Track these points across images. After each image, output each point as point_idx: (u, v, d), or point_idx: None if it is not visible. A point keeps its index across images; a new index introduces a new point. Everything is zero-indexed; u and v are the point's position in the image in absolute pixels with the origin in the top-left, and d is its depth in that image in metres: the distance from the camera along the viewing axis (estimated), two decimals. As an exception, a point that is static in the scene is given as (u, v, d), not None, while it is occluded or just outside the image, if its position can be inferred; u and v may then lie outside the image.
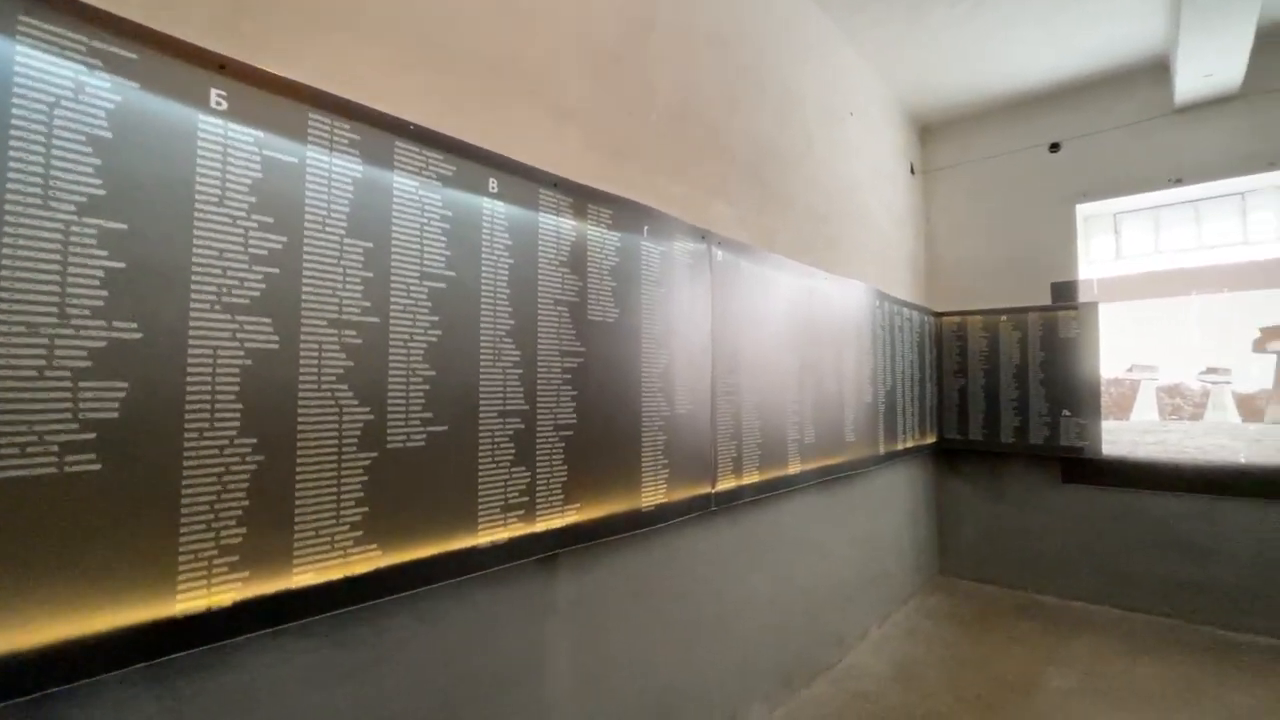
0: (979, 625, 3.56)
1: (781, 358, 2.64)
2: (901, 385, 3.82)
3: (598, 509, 1.72)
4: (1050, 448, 3.98)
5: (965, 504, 4.40)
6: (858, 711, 2.62)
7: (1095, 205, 4.13)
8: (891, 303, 3.76)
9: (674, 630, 2.08)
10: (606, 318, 1.78)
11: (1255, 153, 3.56)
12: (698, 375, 2.13)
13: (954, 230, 4.59)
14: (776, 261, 2.65)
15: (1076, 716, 2.58)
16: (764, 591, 2.56)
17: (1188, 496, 3.63)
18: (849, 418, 3.16)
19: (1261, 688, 2.81)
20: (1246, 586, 3.42)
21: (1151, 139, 3.87)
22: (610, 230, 1.82)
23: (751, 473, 2.40)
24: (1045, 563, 4.05)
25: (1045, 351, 4.04)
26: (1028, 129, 4.30)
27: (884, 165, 4.08)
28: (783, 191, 2.90)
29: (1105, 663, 3.07)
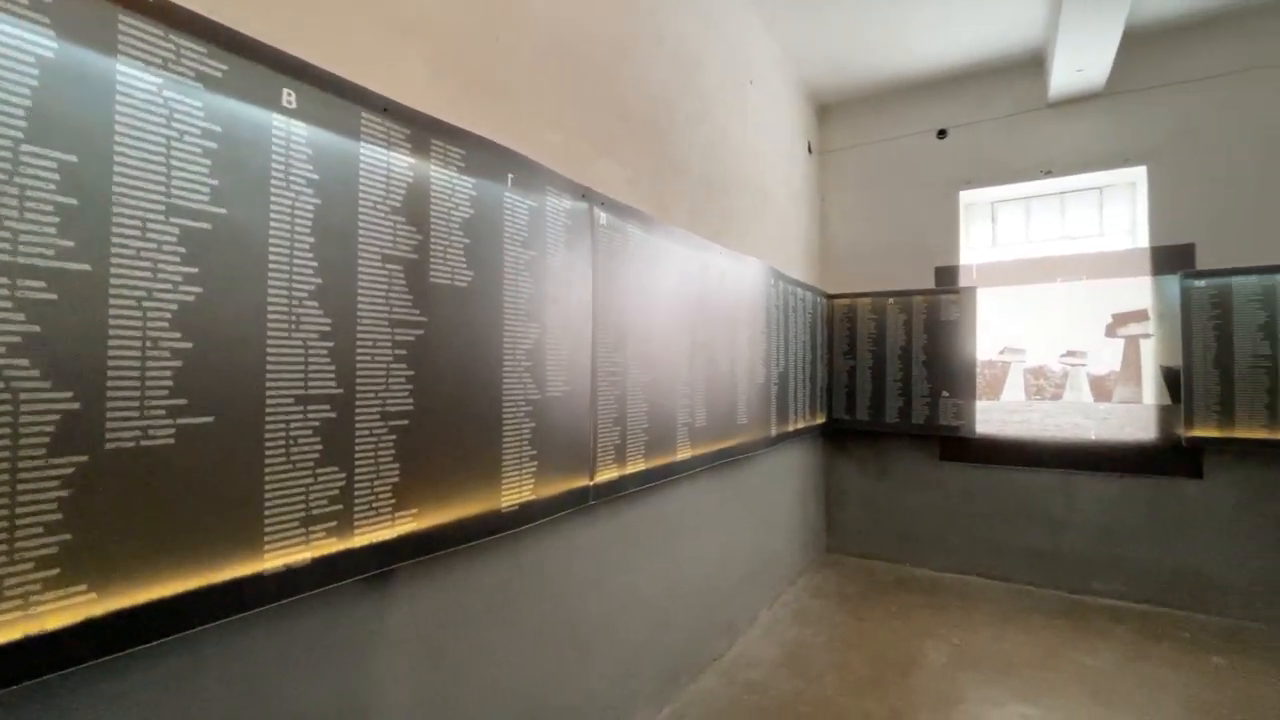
0: (862, 602, 3.61)
1: (672, 336, 2.43)
2: (794, 366, 3.77)
3: (443, 513, 1.42)
4: (930, 427, 4.11)
5: (852, 482, 4.48)
6: (747, 704, 2.51)
7: (976, 193, 4.27)
8: (786, 282, 3.68)
9: (545, 643, 1.83)
10: (456, 281, 1.46)
11: (1115, 150, 3.78)
12: (575, 353, 1.87)
13: (847, 212, 4.61)
14: (669, 231, 2.43)
15: (952, 691, 2.62)
16: (651, 587, 2.38)
17: (1047, 471, 3.87)
18: (742, 399, 3.03)
19: (1107, 649, 3.01)
20: (1093, 553, 3.70)
21: (1027, 131, 4.02)
22: (463, 175, 1.49)
23: (637, 461, 2.18)
24: (923, 537, 4.20)
25: (928, 334, 4.15)
26: (919, 115, 4.36)
27: (783, 142, 3.97)
28: (678, 156, 2.68)
29: (975, 633, 3.18)
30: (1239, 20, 3.45)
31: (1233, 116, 3.47)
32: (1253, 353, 3.30)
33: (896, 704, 2.51)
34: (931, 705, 2.51)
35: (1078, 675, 2.75)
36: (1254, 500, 3.34)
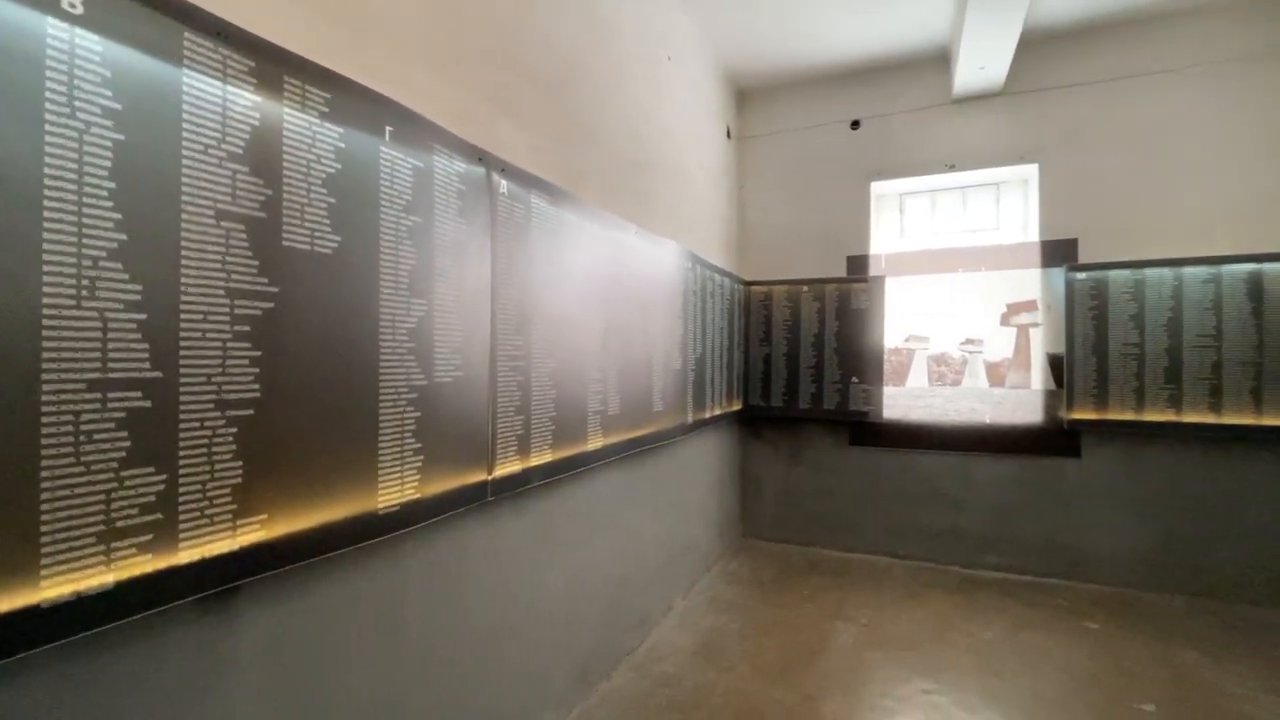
0: (775, 586, 3.64)
1: (583, 319, 2.28)
2: (711, 352, 3.73)
3: (302, 518, 1.21)
4: (841, 412, 4.20)
5: (766, 468, 4.53)
6: (659, 699, 2.44)
7: (886, 184, 4.38)
8: (704, 268, 3.62)
9: (436, 658, 1.65)
10: (318, 246, 1.25)
11: (1010, 147, 3.97)
12: (470, 335, 1.69)
13: (764, 199, 4.61)
14: (580, 206, 2.27)
15: (859, 672, 2.66)
16: (559, 585, 2.24)
17: (947, 454, 4.05)
18: (658, 386, 2.93)
19: (998, 621, 3.17)
20: (987, 531, 3.92)
21: (933, 125, 4.16)
22: (328, 123, 1.27)
23: (543, 452, 2.03)
24: (833, 520, 4.31)
25: (840, 322, 4.23)
26: (834, 105, 4.41)
27: (702, 124, 3.89)
28: (591, 126, 2.51)
29: (881, 612, 3.27)
30: (1122, 31, 3.69)
31: (1113, 121, 3.72)
32: (1124, 341, 3.57)
33: (808, 689, 2.52)
34: (841, 688, 2.53)
35: (972, 648, 2.88)
36: (1123, 477, 3.63)
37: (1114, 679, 2.60)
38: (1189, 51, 3.56)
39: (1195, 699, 2.45)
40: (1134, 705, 2.41)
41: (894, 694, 2.50)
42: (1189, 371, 3.43)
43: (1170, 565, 3.51)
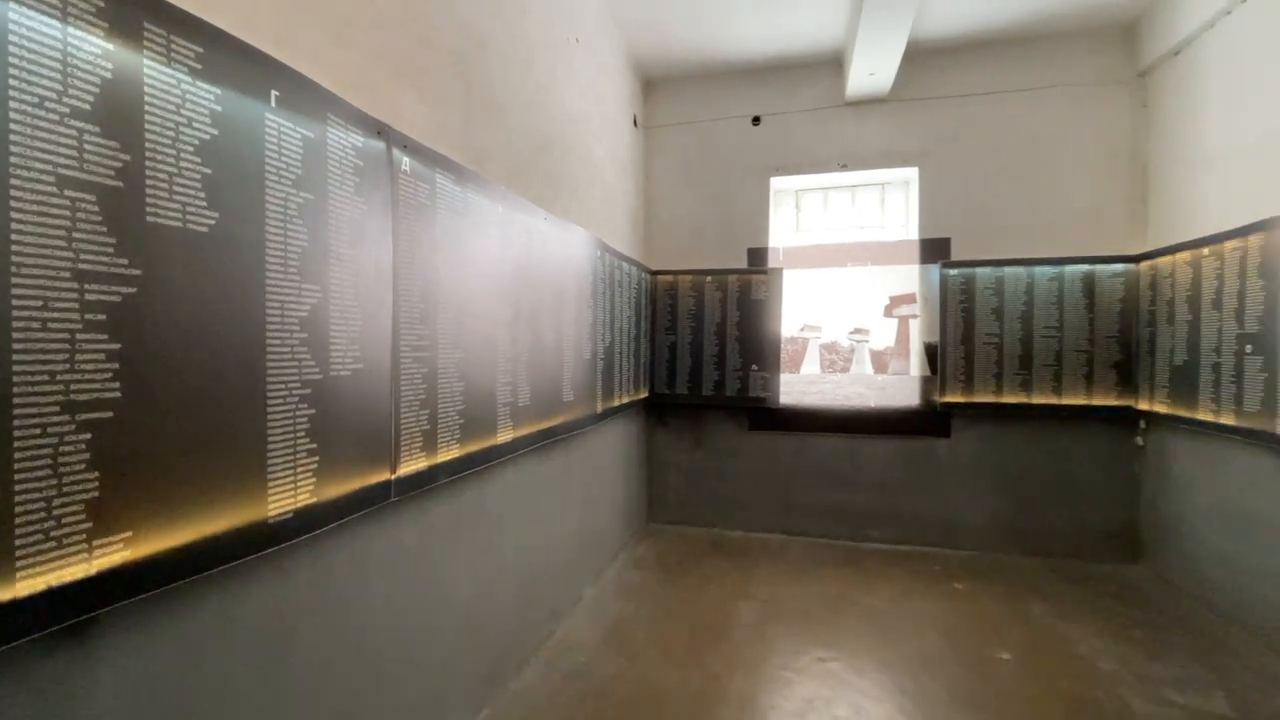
0: (680, 569, 3.73)
1: (492, 307, 2.19)
2: (620, 341, 3.73)
3: (177, 533, 1.07)
4: (741, 399, 4.36)
5: (671, 454, 4.62)
6: (570, 693, 2.42)
7: (784, 180, 4.56)
8: (613, 256, 3.60)
9: (333, 673, 1.53)
10: (192, 223, 1.09)
11: (894, 150, 4.27)
12: (370, 324, 1.56)
13: (670, 189, 4.66)
14: (489, 189, 2.16)
15: (762, 647, 2.79)
16: (467, 584, 2.15)
17: (837, 436, 4.33)
18: (568, 375, 2.89)
19: (884, 588, 3.45)
20: (873, 506, 4.24)
21: (827, 125, 4.38)
22: (201, 81, 1.11)
23: (450, 447, 1.93)
24: (734, 502, 4.48)
25: (741, 311, 4.38)
26: (737, 99, 4.52)
27: (610, 111, 3.85)
28: (498, 104, 2.40)
29: (780, 588, 3.46)
30: (993, 50, 4.06)
31: (983, 132, 4.10)
32: (986, 331, 3.97)
33: (715, 669, 2.61)
34: (746, 665, 2.64)
35: (861, 615, 3.11)
36: (986, 454, 4.06)
37: (979, 633, 2.92)
38: (1049, 74, 3.99)
39: (1043, 644, 2.80)
40: (995, 655, 2.72)
41: (793, 665, 2.64)
42: (1038, 358, 3.88)
43: (1022, 530, 3.98)
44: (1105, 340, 3.80)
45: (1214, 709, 2.32)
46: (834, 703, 2.37)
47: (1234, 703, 2.35)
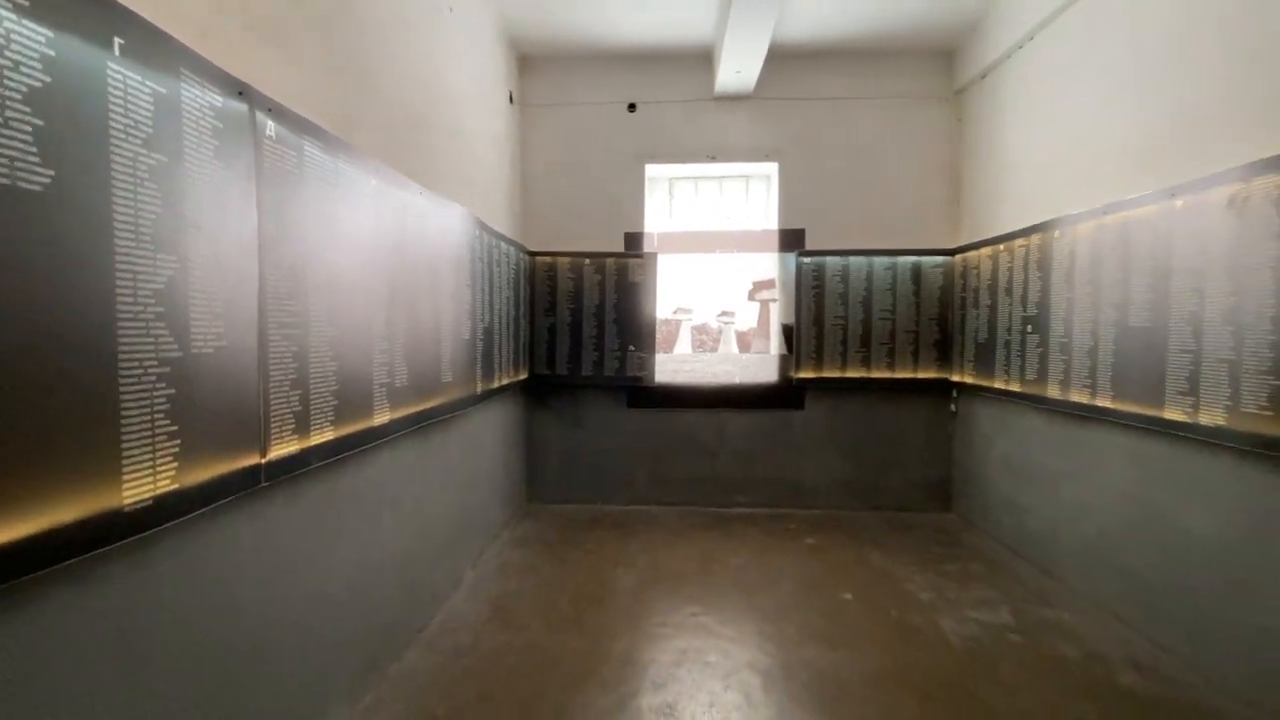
0: (562, 544, 3.83)
1: (367, 284, 2.11)
2: (499, 322, 3.70)
3: (13, 526, 0.96)
4: (620, 378, 4.52)
5: (551, 433, 4.67)
6: (455, 670, 2.43)
7: (658, 167, 4.74)
8: (491, 235, 3.55)
9: (198, 672, 1.44)
10: (22, 181, 0.97)
11: (758, 145, 4.59)
12: (235, 298, 1.46)
13: (549, 169, 4.65)
14: (362, 160, 2.07)
15: (641, 608, 2.97)
16: (344, 571, 2.08)
17: (707, 411, 4.63)
18: (446, 356, 2.84)
19: (747, 548, 3.80)
20: (737, 474, 4.61)
21: (698, 117, 4.60)
22: (27, 20, 0.98)
23: (324, 430, 1.85)
24: (613, 477, 4.65)
25: (618, 294, 4.51)
26: (613, 85, 4.60)
27: (485, 85, 3.76)
28: (369, 71, 2.28)
29: (656, 553, 3.67)
30: (844, 60, 4.48)
31: (834, 133, 4.53)
32: (834, 314, 4.45)
33: (598, 633, 2.74)
34: (627, 625, 2.81)
35: (728, 575, 3.41)
36: (833, 423, 4.56)
37: (827, 579, 3.33)
38: (886, 85, 4.49)
39: (878, 584, 3.26)
40: (840, 596, 3.12)
41: (670, 622, 2.85)
42: (875, 338, 4.42)
43: (862, 488, 4.54)
44: (928, 322, 4.41)
45: (1000, 621, 2.86)
46: (705, 651, 2.60)
47: (1014, 615, 2.91)
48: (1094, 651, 2.58)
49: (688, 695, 2.29)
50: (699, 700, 2.26)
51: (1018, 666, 2.48)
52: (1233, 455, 2.27)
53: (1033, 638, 2.71)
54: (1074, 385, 3.08)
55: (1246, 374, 2.17)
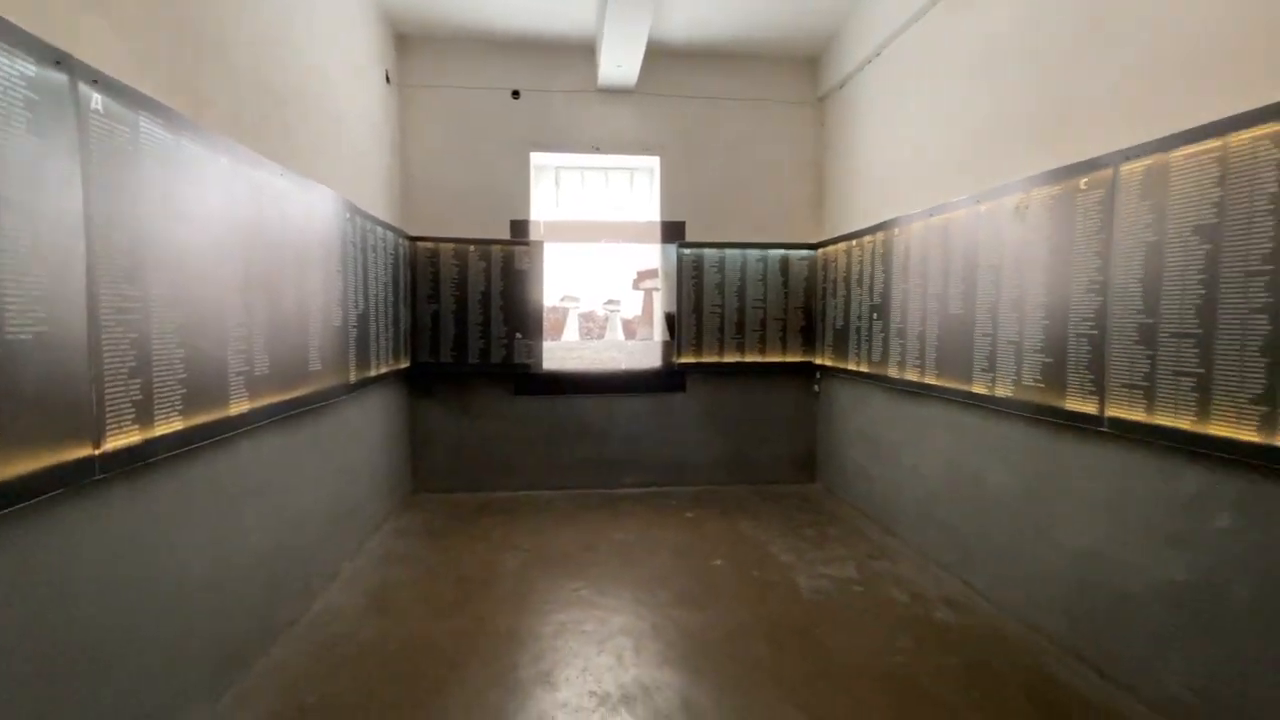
0: (447, 532, 3.83)
1: (219, 268, 2.03)
2: (375, 309, 3.61)
3: None
4: (507, 365, 4.54)
5: (437, 422, 4.62)
6: (328, 660, 2.41)
7: (544, 156, 4.77)
8: (366, 219, 3.45)
9: (36, 676, 1.37)
10: None
11: (640, 139, 4.75)
12: (57, 281, 1.38)
13: (431, 154, 4.55)
14: (210, 139, 1.98)
15: (525, 587, 3.07)
16: (201, 566, 2.01)
17: (594, 396, 4.77)
18: (315, 344, 2.76)
19: (632, 525, 3.99)
20: (624, 456, 4.79)
21: (583, 108, 4.69)
22: None
23: (171, 419, 1.78)
24: (502, 465, 4.68)
25: (504, 281, 4.53)
26: (497, 70, 4.57)
27: (358, 63, 3.62)
28: (220, 42, 2.16)
29: (543, 536, 3.77)
30: (720, 61, 4.73)
31: (711, 131, 4.78)
32: (712, 303, 4.73)
33: (481, 613, 2.80)
34: (511, 605, 2.89)
35: (612, 550, 3.58)
36: (712, 405, 4.86)
37: (701, 548, 3.58)
38: (759, 89, 4.79)
39: (745, 550, 3.56)
40: (711, 563, 3.38)
41: (553, 598, 2.97)
42: (749, 325, 4.75)
43: (737, 464, 4.88)
44: (795, 310, 4.80)
45: (846, 575, 3.23)
46: (584, 621, 2.75)
47: (858, 569, 3.30)
48: (918, 594, 3.00)
49: (564, 663, 2.42)
50: (574, 666, 2.40)
51: (856, 611, 2.84)
52: (1021, 421, 2.72)
53: (871, 587, 3.09)
54: (909, 366, 3.52)
55: (1027, 353, 2.62)
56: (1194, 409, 1.92)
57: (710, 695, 2.22)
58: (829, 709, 2.14)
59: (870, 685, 2.28)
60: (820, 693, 2.23)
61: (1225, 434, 1.82)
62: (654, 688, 2.26)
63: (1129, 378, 2.14)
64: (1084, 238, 2.33)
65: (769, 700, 2.19)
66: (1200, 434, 1.90)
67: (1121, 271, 2.17)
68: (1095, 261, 2.28)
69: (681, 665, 2.41)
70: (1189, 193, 1.94)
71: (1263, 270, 1.73)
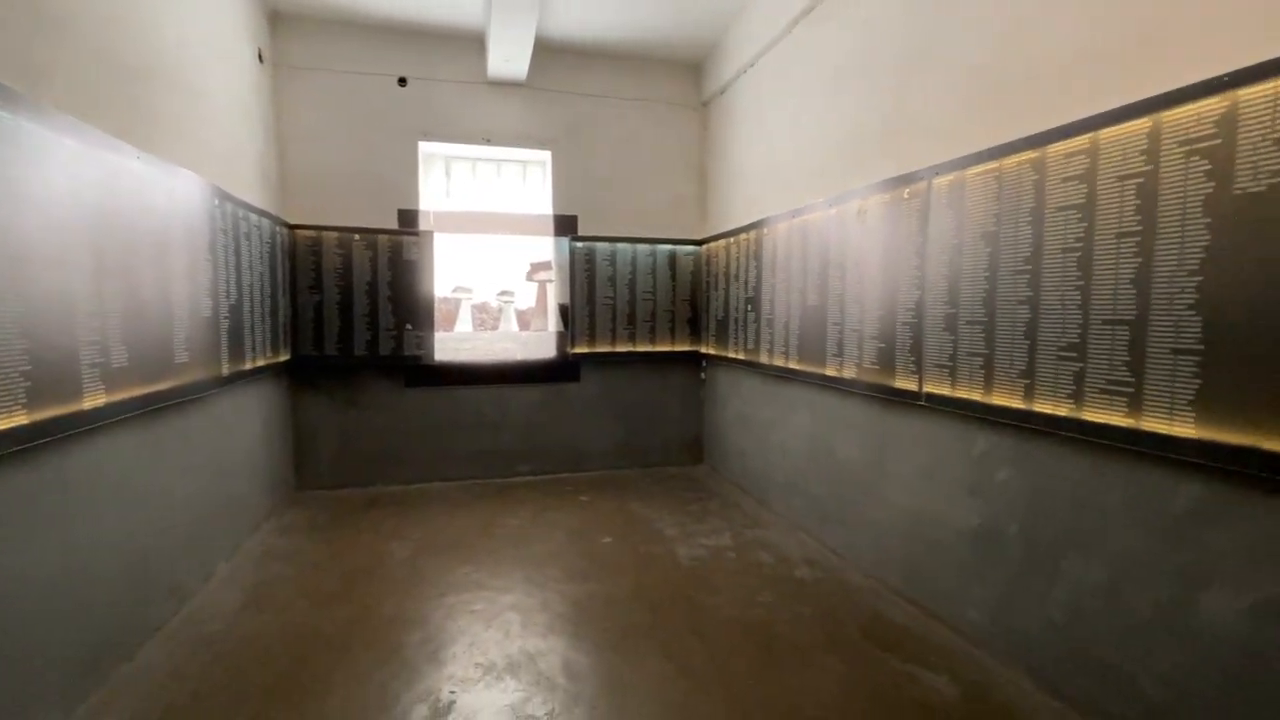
0: (333, 527, 3.76)
1: (68, 256, 1.93)
2: (250, 299, 3.48)
3: None
4: (397, 357, 4.49)
5: (321, 417, 4.48)
6: (202, 658, 2.36)
7: (433, 145, 4.73)
8: (238, 206, 3.31)
9: None
10: None
11: (532, 133, 4.83)
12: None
13: (311, 138, 4.38)
14: (51, 118, 1.88)
15: (414, 574, 3.11)
16: (50, 569, 1.92)
17: (489, 387, 4.82)
18: (181, 335, 2.65)
19: (524, 511, 4.10)
20: (519, 445, 4.88)
21: (472, 99, 4.69)
22: None
23: (14, 413, 1.70)
24: (393, 458, 4.62)
25: (392, 271, 4.46)
26: (382, 56, 4.47)
27: (225, 39, 3.44)
28: (60, 14, 2.04)
29: (434, 525, 3.80)
30: (607, 60, 4.88)
31: (601, 128, 4.93)
32: (604, 294, 4.91)
33: (367, 601, 2.83)
34: (399, 591, 2.93)
35: (505, 534, 3.68)
36: (606, 393, 5.05)
37: (592, 528, 3.77)
38: (648, 90, 5.00)
39: (634, 527, 3.78)
40: (600, 540, 3.57)
41: (444, 581, 3.04)
42: (640, 316, 4.98)
43: (631, 450, 5.11)
44: (682, 302, 5.09)
45: (722, 544, 3.53)
46: (473, 602, 2.85)
47: (733, 538, 3.62)
48: (782, 556, 3.35)
49: (452, 641, 2.52)
50: (461, 643, 2.50)
51: (727, 574, 3.14)
52: (863, 399, 3.12)
53: (743, 553, 3.41)
54: (776, 352, 3.88)
55: (867, 339, 3.00)
56: (982, 383, 2.33)
57: (590, 656, 2.41)
58: (695, 657, 2.40)
59: (734, 635, 2.56)
60: (689, 645, 2.48)
61: (1002, 403, 2.24)
62: (538, 654, 2.42)
63: (939, 359, 2.54)
64: (907, 240, 2.72)
65: (643, 655, 2.41)
66: (986, 404, 2.31)
67: (933, 269, 2.57)
68: (915, 260, 2.67)
69: (565, 633, 2.58)
70: (979, 204, 2.34)
71: (1024, 269, 2.14)
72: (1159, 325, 1.73)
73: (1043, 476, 2.15)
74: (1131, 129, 1.80)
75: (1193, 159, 1.65)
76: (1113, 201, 1.85)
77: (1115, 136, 1.84)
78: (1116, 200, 1.84)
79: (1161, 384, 1.73)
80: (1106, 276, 1.87)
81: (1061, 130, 2.01)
